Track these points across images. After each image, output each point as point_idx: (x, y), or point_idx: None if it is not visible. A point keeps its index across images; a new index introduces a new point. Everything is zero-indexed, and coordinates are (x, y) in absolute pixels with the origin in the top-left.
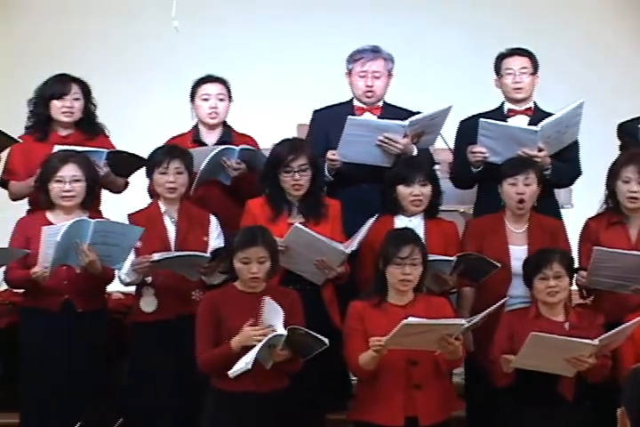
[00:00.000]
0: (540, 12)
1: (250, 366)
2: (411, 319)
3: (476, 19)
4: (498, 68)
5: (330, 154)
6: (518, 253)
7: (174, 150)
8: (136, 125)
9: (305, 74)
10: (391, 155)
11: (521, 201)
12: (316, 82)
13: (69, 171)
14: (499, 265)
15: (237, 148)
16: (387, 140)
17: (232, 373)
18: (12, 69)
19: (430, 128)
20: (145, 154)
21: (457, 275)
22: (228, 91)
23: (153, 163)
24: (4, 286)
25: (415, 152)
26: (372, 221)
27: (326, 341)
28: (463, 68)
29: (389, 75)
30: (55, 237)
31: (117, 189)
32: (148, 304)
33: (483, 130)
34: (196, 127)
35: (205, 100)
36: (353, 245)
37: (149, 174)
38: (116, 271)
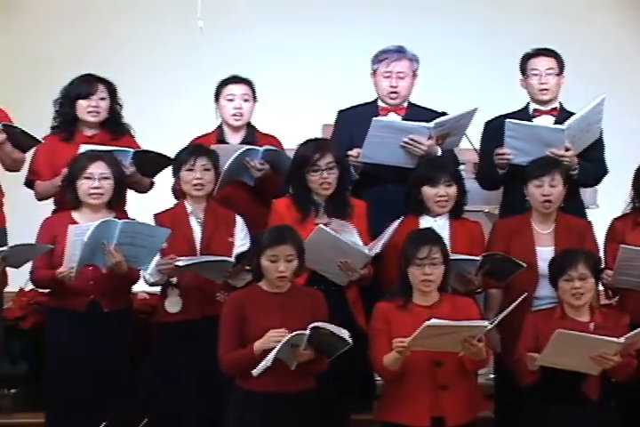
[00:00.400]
0: (562, 10)
1: (269, 364)
2: (433, 321)
3: (497, 19)
4: (523, 69)
5: (353, 152)
6: (545, 254)
7: (200, 148)
8: (161, 126)
9: (330, 74)
10: (415, 156)
11: (547, 202)
12: (340, 82)
13: (98, 168)
14: (524, 265)
15: (261, 148)
16: (411, 142)
17: (255, 371)
18: (37, 70)
19: (455, 130)
20: (170, 154)
21: (482, 275)
22: (253, 91)
23: (179, 161)
24: (30, 286)
25: (439, 154)
26: (396, 223)
27: (350, 340)
28: (488, 67)
29: (414, 75)
30: (82, 237)
31: (143, 189)
32: (173, 305)
33: (509, 131)
34: (220, 127)
35: (230, 100)
36: (377, 247)
37: (176, 173)
38: (142, 271)
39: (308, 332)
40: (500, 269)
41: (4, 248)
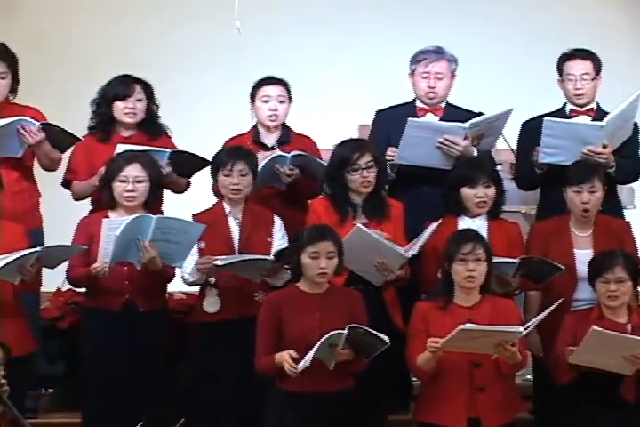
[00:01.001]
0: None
1: (308, 364)
2: (467, 325)
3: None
4: (560, 70)
5: (389, 151)
6: (583, 257)
7: (238, 152)
8: (197, 125)
9: (366, 74)
10: (451, 157)
11: (585, 210)
12: (377, 82)
13: (133, 171)
14: (562, 268)
15: (289, 155)
16: (447, 143)
17: (293, 372)
18: (73, 70)
19: (491, 130)
20: (206, 153)
21: (520, 276)
22: (289, 92)
23: (217, 164)
24: (67, 286)
25: (475, 154)
26: (434, 225)
27: (387, 339)
28: (525, 68)
29: (452, 76)
30: (115, 231)
31: (179, 190)
32: (211, 305)
33: (547, 129)
34: (255, 128)
35: (265, 102)
36: (414, 249)
37: (214, 175)
38: (180, 271)
39: (345, 331)
40: (537, 271)
41: (39, 249)
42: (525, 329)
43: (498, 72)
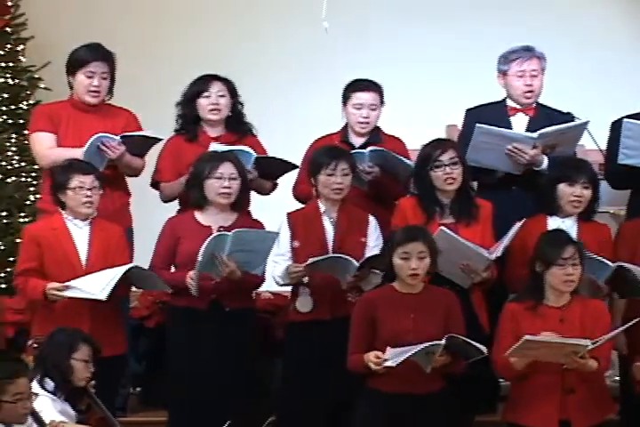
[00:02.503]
0: None
1: (394, 365)
2: (532, 336)
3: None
4: None
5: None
6: None
7: (340, 151)
8: (284, 125)
9: (454, 75)
10: (519, 163)
11: None
12: (464, 83)
13: (228, 168)
14: None
15: (366, 151)
16: (515, 150)
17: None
18: (160, 70)
19: (564, 141)
20: (293, 154)
21: (609, 284)
22: (381, 97)
23: (319, 164)
24: None
25: (545, 162)
26: (518, 226)
27: (484, 349)
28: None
29: (543, 73)
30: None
31: (265, 192)
32: (304, 304)
33: (626, 130)
34: (345, 128)
35: (358, 109)
36: (498, 250)
37: (314, 175)
38: (271, 272)
39: (443, 342)
40: (628, 283)
41: (132, 266)
42: (594, 344)
43: (587, 70)
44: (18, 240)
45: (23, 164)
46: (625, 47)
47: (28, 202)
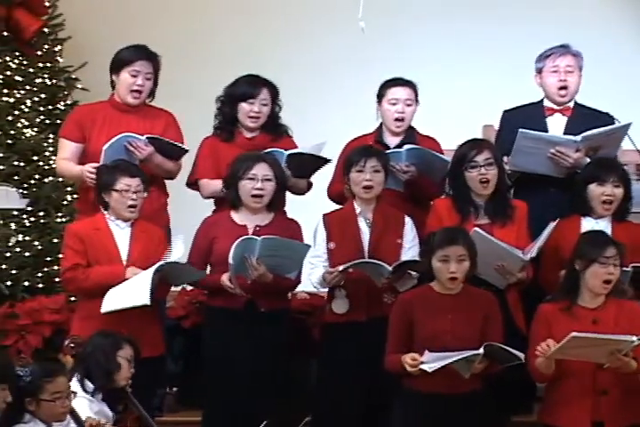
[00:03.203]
0: None
1: (429, 370)
2: (579, 333)
3: None
4: None
5: (506, 159)
6: None
7: (370, 149)
8: (319, 126)
9: (490, 74)
10: (563, 166)
11: None
12: (501, 83)
13: (262, 169)
14: None
15: (403, 149)
16: (558, 154)
17: (414, 371)
18: (201, 70)
19: (608, 142)
20: (328, 154)
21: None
22: (416, 95)
23: (350, 161)
24: (190, 287)
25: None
26: (552, 226)
27: (521, 356)
28: None
29: (580, 71)
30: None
31: (300, 192)
32: (340, 305)
33: None
34: (379, 128)
35: (393, 104)
36: (532, 251)
37: (346, 173)
38: (307, 276)
39: (481, 351)
40: None
41: (164, 264)
42: (639, 339)
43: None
44: (55, 240)
45: None
46: None
47: (65, 202)
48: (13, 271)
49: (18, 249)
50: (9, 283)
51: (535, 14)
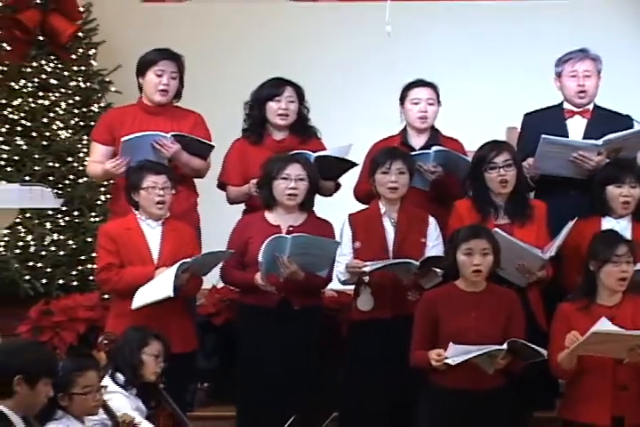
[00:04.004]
0: None
1: (453, 364)
2: (599, 328)
3: None
4: None
5: (525, 163)
6: None
7: (396, 151)
8: (346, 128)
9: (514, 77)
10: (585, 169)
11: None
12: (524, 85)
13: (295, 170)
14: None
15: (432, 151)
16: (580, 158)
17: (439, 366)
18: (226, 73)
19: (629, 144)
20: (355, 156)
21: None
22: (437, 95)
23: (376, 163)
24: (222, 284)
25: None
26: (570, 225)
27: (544, 352)
28: None
29: (599, 75)
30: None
31: (327, 193)
32: (365, 303)
33: None
34: (404, 130)
35: (415, 104)
36: (552, 250)
37: (372, 174)
38: (335, 269)
39: (505, 347)
40: None
41: (189, 260)
42: None
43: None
44: (89, 239)
45: None
46: None
47: (98, 202)
48: (48, 270)
49: (53, 248)
50: (44, 281)
51: (558, 16)
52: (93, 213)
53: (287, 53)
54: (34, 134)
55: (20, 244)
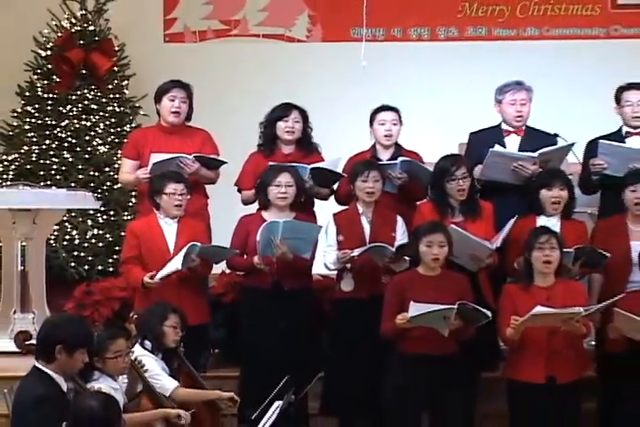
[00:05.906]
0: None
1: (413, 314)
2: (538, 309)
3: None
4: (618, 99)
5: (476, 168)
6: (638, 248)
7: (372, 163)
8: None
9: (460, 103)
10: (522, 176)
11: (638, 204)
12: (469, 109)
13: (285, 178)
14: (608, 255)
15: (398, 161)
16: (519, 167)
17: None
18: (242, 99)
19: (556, 158)
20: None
21: (580, 265)
22: (400, 117)
23: (356, 172)
24: (228, 270)
25: None
26: (512, 222)
27: (489, 314)
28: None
29: (530, 102)
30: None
31: (323, 197)
32: (347, 284)
33: (601, 148)
34: (374, 146)
35: (382, 124)
36: (497, 242)
37: (352, 181)
38: (323, 260)
39: (456, 306)
40: (591, 258)
41: (198, 244)
42: (586, 311)
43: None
44: (122, 234)
45: None
46: None
47: (130, 204)
48: (90, 258)
49: (93, 241)
50: (86, 267)
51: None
52: (126, 213)
53: (292, 85)
54: (78, 149)
55: (67, 237)
